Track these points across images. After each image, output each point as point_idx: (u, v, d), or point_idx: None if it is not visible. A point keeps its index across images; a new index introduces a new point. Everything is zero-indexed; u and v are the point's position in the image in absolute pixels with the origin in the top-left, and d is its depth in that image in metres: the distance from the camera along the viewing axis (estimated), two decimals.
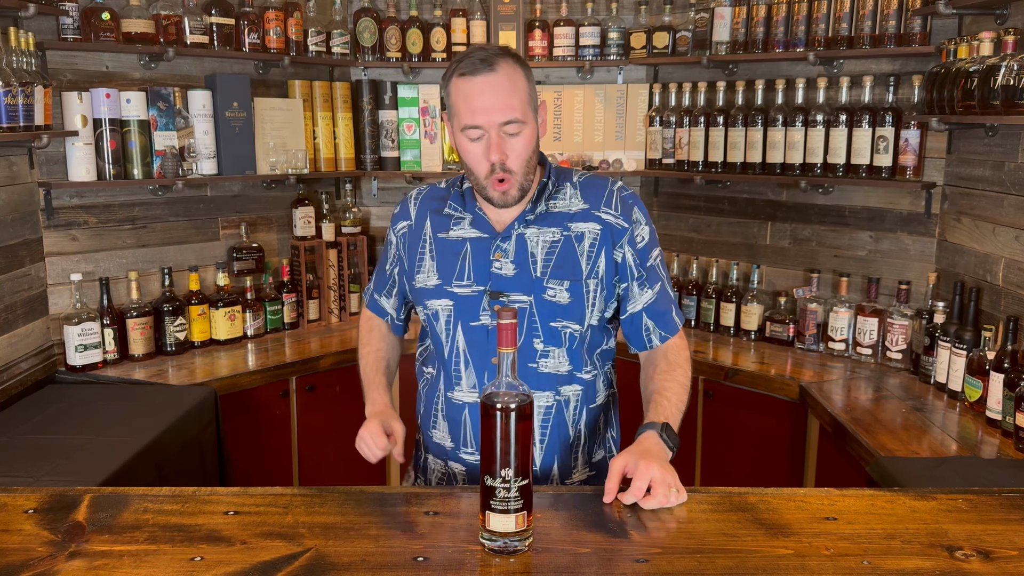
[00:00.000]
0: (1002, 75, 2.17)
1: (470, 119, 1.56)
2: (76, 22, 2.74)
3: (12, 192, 2.63)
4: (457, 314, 1.67)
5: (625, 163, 3.54)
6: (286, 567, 1.20)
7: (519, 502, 1.24)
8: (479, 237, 1.68)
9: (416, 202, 1.78)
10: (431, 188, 1.80)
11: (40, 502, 1.41)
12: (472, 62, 1.55)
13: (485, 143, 1.57)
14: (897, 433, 2.27)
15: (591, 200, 1.69)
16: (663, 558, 1.24)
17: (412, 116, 3.54)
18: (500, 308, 1.25)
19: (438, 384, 1.74)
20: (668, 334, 1.73)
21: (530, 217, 1.66)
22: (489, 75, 1.54)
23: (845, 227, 3.11)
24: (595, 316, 1.68)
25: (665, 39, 3.38)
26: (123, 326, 2.90)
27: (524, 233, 1.66)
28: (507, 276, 1.65)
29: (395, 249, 1.81)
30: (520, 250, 1.65)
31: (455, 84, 1.57)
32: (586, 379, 1.71)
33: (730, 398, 2.91)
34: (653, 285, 1.70)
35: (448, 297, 1.67)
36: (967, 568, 1.22)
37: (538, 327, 1.65)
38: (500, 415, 1.23)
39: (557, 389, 1.68)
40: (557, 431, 1.69)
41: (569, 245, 1.65)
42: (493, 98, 1.54)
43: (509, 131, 1.56)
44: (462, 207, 1.70)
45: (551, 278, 1.64)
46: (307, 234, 3.43)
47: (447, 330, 1.69)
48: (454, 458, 1.73)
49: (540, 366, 1.66)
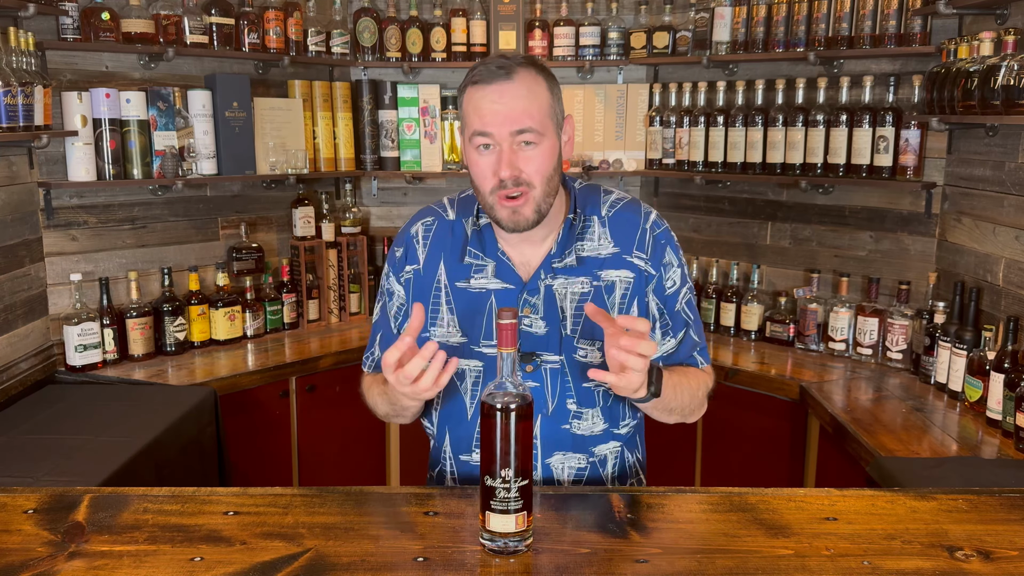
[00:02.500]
0: (1002, 75, 2.17)
1: (479, 124, 1.42)
2: (76, 22, 2.74)
3: (12, 192, 2.63)
4: (487, 376, 1.54)
5: (625, 163, 3.54)
6: (286, 567, 1.20)
7: (519, 502, 1.24)
8: (504, 289, 1.53)
9: (425, 241, 1.60)
10: (438, 221, 1.60)
11: (40, 502, 1.41)
12: (488, 69, 1.43)
13: (495, 156, 1.43)
14: (897, 433, 2.27)
15: (622, 242, 1.55)
16: (663, 558, 1.24)
17: (412, 116, 3.54)
18: (500, 308, 1.24)
19: (443, 446, 1.61)
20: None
21: (557, 265, 1.53)
22: (504, 83, 1.41)
23: (845, 227, 3.10)
24: None
25: (665, 39, 3.38)
26: (123, 326, 2.90)
27: (552, 285, 1.53)
28: (538, 334, 1.52)
29: (400, 300, 1.61)
30: (549, 305, 1.52)
31: (468, 93, 1.45)
32: (625, 434, 1.61)
33: (730, 398, 2.91)
34: (676, 333, 1.60)
35: (476, 358, 1.54)
36: (967, 568, 1.22)
37: (571, 387, 1.54)
38: (500, 415, 1.22)
39: (591, 451, 1.58)
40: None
41: (599, 298, 1.53)
42: (506, 105, 1.41)
43: (524, 140, 1.42)
44: (482, 251, 1.55)
45: (581, 338, 1.52)
46: (307, 234, 3.43)
47: (473, 391, 1.56)
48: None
49: (573, 427, 1.55)
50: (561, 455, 1.58)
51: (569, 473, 1.59)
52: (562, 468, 1.59)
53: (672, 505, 1.41)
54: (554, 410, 1.56)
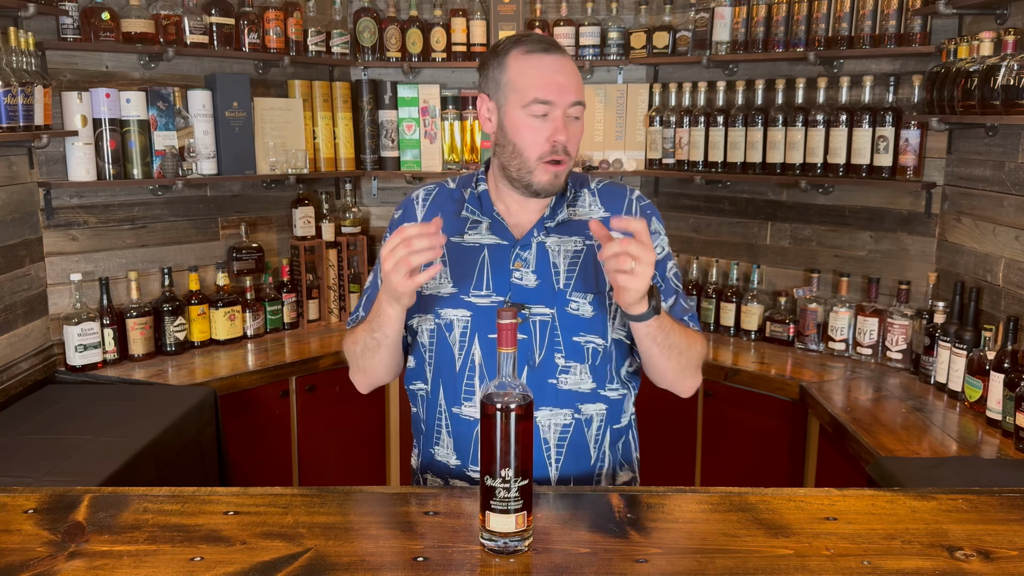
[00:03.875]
0: (1002, 75, 2.17)
1: (542, 93, 1.51)
2: (76, 22, 2.74)
3: (12, 192, 2.63)
4: (475, 326, 1.58)
5: (625, 163, 3.54)
6: (286, 567, 1.20)
7: (519, 502, 1.24)
8: (497, 244, 1.60)
9: (424, 204, 1.68)
10: (440, 188, 1.70)
11: (40, 502, 1.41)
12: (537, 41, 1.54)
13: (550, 123, 1.52)
14: (897, 433, 2.27)
15: (612, 208, 1.65)
16: (663, 558, 1.24)
17: (412, 116, 3.54)
18: (500, 308, 1.24)
19: (437, 400, 1.64)
20: None
21: (550, 224, 1.61)
22: (559, 56, 1.54)
23: (845, 227, 3.11)
24: (617, 331, 1.62)
25: (665, 39, 3.38)
26: (123, 326, 2.90)
27: (545, 242, 1.60)
28: (529, 287, 1.58)
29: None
30: (541, 260, 1.59)
31: (518, 59, 1.53)
32: (612, 398, 1.63)
33: (730, 398, 2.91)
34: (667, 298, 1.63)
35: (465, 307, 1.59)
36: (967, 568, 1.22)
37: (560, 342, 1.57)
38: (500, 415, 1.22)
39: (577, 407, 1.60)
40: (575, 451, 1.61)
41: (591, 256, 1.60)
42: (566, 77, 1.52)
43: (574, 114, 1.54)
44: (479, 210, 1.63)
45: (574, 291, 1.58)
46: (307, 234, 3.43)
47: (462, 342, 1.59)
48: (459, 475, 1.63)
49: (560, 382, 1.58)
50: (548, 411, 1.58)
51: (555, 431, 1.60)
52: (548, 425, 1.59)
53: (672, 505, 1.41)
54: (541, 363, 1.58)
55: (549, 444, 1.60)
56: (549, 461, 1.60)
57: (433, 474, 1.68)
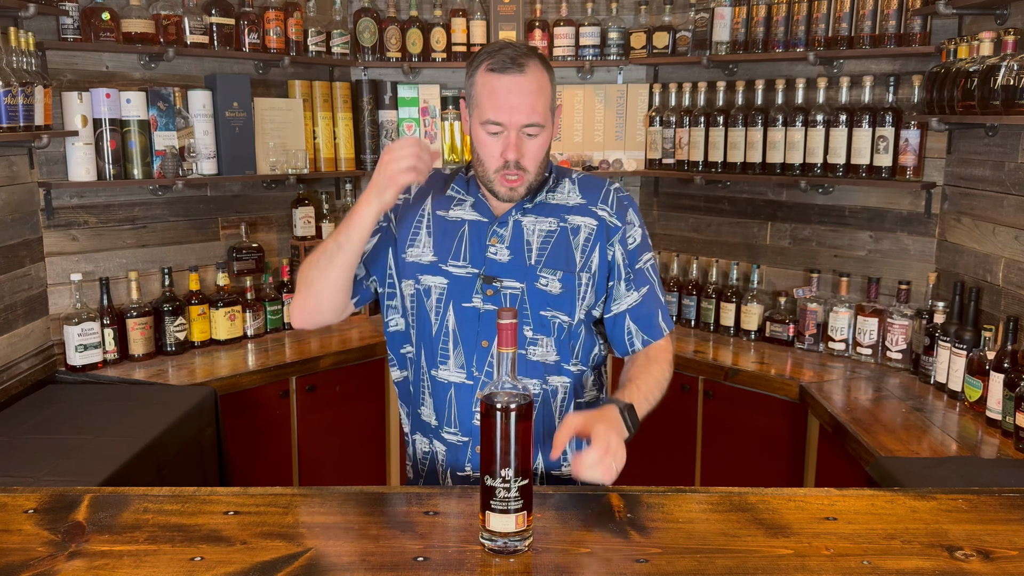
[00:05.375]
0: (1002, 75, 2.17)
1: (493, 115, 1.58)
2: (76, 22, 2.74)
3: (12, 192, 2.63)
4: (450, 294, 1.68)
5: (625, 163, 3.54)
6: (286, 567, 1.20)
7: (519, 502, 1.24)
8: (477, 220, 1.70)
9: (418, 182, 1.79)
10: (435, 172, 1.80)
11: (40, 502, 1.41)
12: (503, 59, 1.57)
13: (503, 140, 1.60)
14: (897, 433, 2.27)
15: (588, 196, 1.73)
16: (663, 558, 1.24)
17: (412, 116, 3.54)
18: (500, 309, 1.25)
19: (420, 361, 1.73)
20: (651, 338, 1.73)
21: (528, 206, 1.69)
22: (518, 76, 1.57)
23: (845, 227, 3.11)
24: (584, 310, 1.69)
25: (665, 39, 3.38)
26: (123, 326, 2.90)
27: (521, 220, 1.69)
28: (502, 261, 1.67)
29: (380, 220, 1.73)
30: (516, 237, 1.68)
31: (482, 77, 1.60)
32: (574, 372, 1.71)
33: (730, 398, 2.91)
34: (640, 288, 1.72)
35: (443, 275, 1.69)
36: (967, 568, 1.22)
37: (528, 315, 1.67)
38: (500, 415, 1.23)
39: (544, 378, 1.69)
40: (543, 422, 1.70)
41: (564, 236, 1.68)
42: (519, 99, 1.57)
43: (528, 132, 1.60)
44: (465, 190, 1.73)
45: (544, 267, 1.67)
46: (307, 234, 3.43)
47: (438, 308, 1.69)
48: (437, 436, 1.73)
49: (528, 353, 1.67)
50: None
51: None
52: None
53: (672, 505, 1.42)
54: None
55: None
56: None
57: (421, 434, 1.76)
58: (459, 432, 1.69)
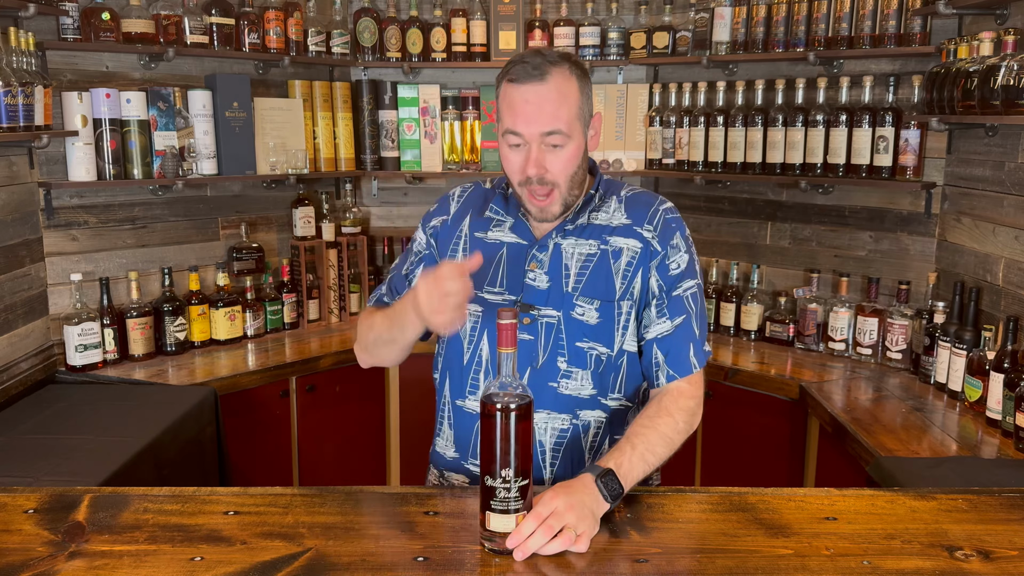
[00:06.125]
0: (1002, 75, 2.17)
1: (511, 124, 1.50)
2: (76, 22, 2.74)
3: (12, 192, 2.63)
4: (484, 321, 1.59)
5: (625, 163, 3.54)
6: (286, 567, 1.20)
7: (519, 502, 1.24)
8: (516, 243, 1.61)
9: (459, 200, 1.71)
10: (476, 187, 1.73)
11: (40, 502, 1.41)
12: (523, 68, 1.48)
13: (524, 153, 1.51)
14: (897, 433, 2.27)
15: (635, 216, 1.61)
16: (663, 558, 1.24)
17: (412, 116, 3.54)
18: (501, 308, 1.25)
19: (444, 390, 1.66)
20: (677, 374, 1.58)
21: (569, 227, 1.59)
22: (537, 84, 1.47)
23: (845, 227, 3.11)
24: (628, 341, 1.59)
25: (665, 39, 3.38)
26: (123, 326, 2.90)
27: (561, 244, 1.59)
28: (540, 288, 1.57)
29: (420, 247, 1.71)
30: (555, 261, 1.58)
31: (504, 88, 1.52)
32: (613, 407, 1.60)
33: (730, 398, 2.91)
34: (674, 317, 1.58)
35: (477, 302, 1.59)
36: (967, 568, 1.22)
37: (564, 346, 1.56)
38: (500, 415, 1.23)
39: (575, 413, 1.58)
40: (571, 457, 1.59)
41: (604, 261, 1.57)
42: (537, 108, 1.48)
43: (552, 142, 1.49)
44: (504, 210, 1.64)
45: (581, 295, 1.56)
46: (307, 234, 3.43)
47: (471, 336, 1.60)
48: (456, 468, 1.64)
49: (560, 387, 1.57)
50: (545, 413, 1.57)
51: (552, 434, 1.58)
52: (545, 428, 1.58)
53: (672, 505, 1.42)
54: (543, 365, 1.57)
55: (545, 447, 1.59)
56: (544, 464, 1.59)
57: (433, 465, 1.70)
58: None
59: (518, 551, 1.23)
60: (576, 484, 1.33)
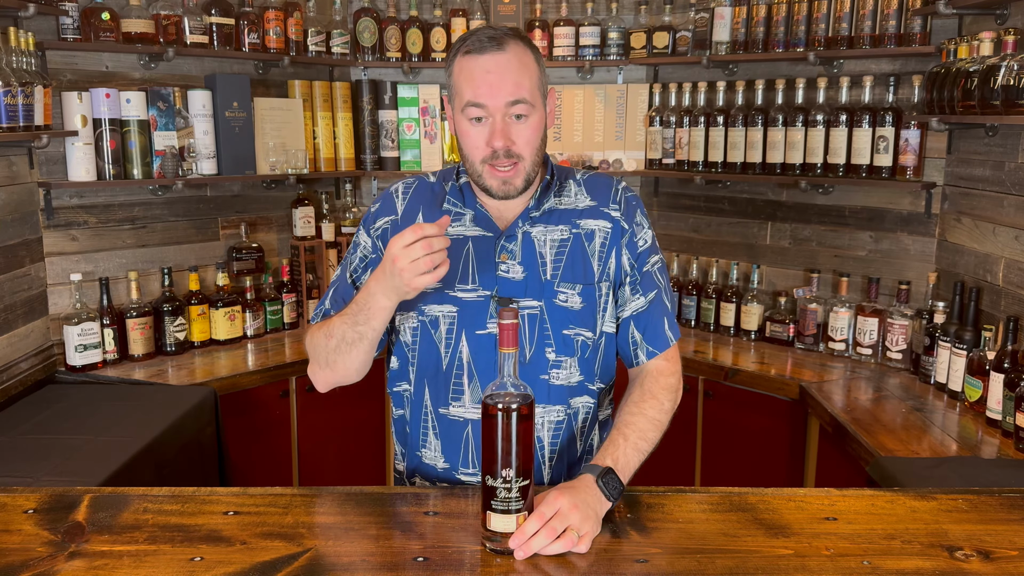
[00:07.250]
0: (1002, 75, 2.17)
1: (472, 95, 1.44)
2: (76, 22, 2.74)
3: (12, 192, 2.63)
4: (461, 322, 1.53)
5: (625, 163, 3.54)
6: (286, 567, 1.20)
7: (520, 502, 1.24)
8: (482, 235, 1.55)
9: (405, 196, 1.62)
10: (419, 181, 1.64)
11: (40, 502, 1.41)
12: (479, 39, 1.44)
13: (488, 127, 1.45)
14: (897, 433, 2.27)
15: (598, 197, 1.60)
16: (663, 558, 1.24)
17: (412, 116, 3.54)
18: (502, 308, 1.24)
19: (422, 400, 1.58)
20: (656, 350, 1.58)
21: (535, 214, 1.56)
22: (497, 53, 1.43)
23: (845, 227, 3.11)
24: (608, 322, 1.58)
25: (665, 39, 3.38)
26: (123, 326, 2.90)
27: (530, 232, 1.55)
28: (516, 280, 1.53)
29: (366, 251, 1.61)
30: (527, 251, 1.54)
31: (459, 63, 1.46)
32: (594, 390, 1.59)
33: (730, 398, 2.91)
34: (647, 292, 1.59)
35: (451, 303, 1.53)
36: (967, 568, 1.22)
37: (550, 335, 1.53)
38: (501, 415, 1.22)
39: (568, 402, 1.56)
40: (567, 448, 1.57)
41: (579, 244, 1.56)
42: (500, 76, 1.43)
43: (516, 112, 1.45)
44: (462, 202, 1.57)
45: (562, 281, 1.53)
46: (307, 234, 3.43)
47: (448, 339, 1.54)
48: (447, 478, 1.58)
49: (552, 378, 1.53)
50: (541, 408, 1.54)
51: (549, 428, 1.55)
52: (542, 423, 1.55)
53: (672, 505, 1.42)
54: (531, 359, 1.53)
55: (543, 442, 1.56)
56: (543, 460, 1.56)
57: (421, 477, 1.63)
58: (478, 471, 1.54)
59: (520, 551, 1.22)
60: (578, 485, 1.33)
